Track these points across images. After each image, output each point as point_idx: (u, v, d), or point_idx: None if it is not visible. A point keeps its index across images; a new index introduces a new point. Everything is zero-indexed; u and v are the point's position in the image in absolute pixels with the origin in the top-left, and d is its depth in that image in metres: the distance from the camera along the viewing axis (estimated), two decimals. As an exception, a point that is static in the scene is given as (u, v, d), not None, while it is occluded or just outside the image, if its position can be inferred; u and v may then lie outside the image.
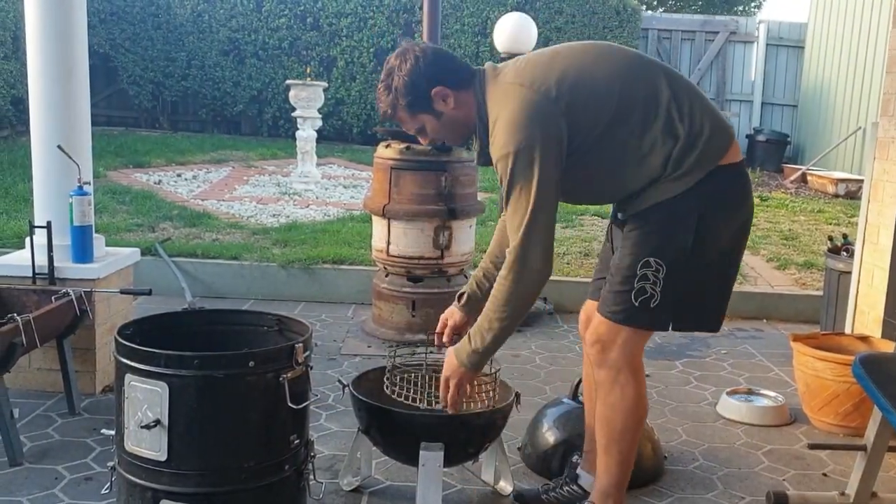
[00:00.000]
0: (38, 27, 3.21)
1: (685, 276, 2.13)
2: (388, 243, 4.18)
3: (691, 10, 19.32)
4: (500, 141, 2.06)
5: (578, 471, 2.53)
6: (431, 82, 2.13)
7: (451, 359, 2.22)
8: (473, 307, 2.42)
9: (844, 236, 4.39)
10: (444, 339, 2.48)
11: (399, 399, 2.45)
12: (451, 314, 2.49)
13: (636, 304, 2.14)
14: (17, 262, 3.29)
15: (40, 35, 3.22)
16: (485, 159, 2.19)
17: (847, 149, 10.04)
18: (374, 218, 4.29)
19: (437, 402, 2.39)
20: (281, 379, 2.10)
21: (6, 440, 2.69)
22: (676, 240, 2.11)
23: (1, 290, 3.08)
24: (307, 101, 7.64)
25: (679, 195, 2.10)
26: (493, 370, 2.47)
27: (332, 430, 3.09)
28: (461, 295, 2.47)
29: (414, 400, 2.44)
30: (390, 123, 4.00)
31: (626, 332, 2.18)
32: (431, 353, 2.63)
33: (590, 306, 2.44)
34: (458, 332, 2.46)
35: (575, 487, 2.50)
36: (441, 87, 2.13)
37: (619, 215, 2.26)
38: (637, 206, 2.14)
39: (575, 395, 2.88)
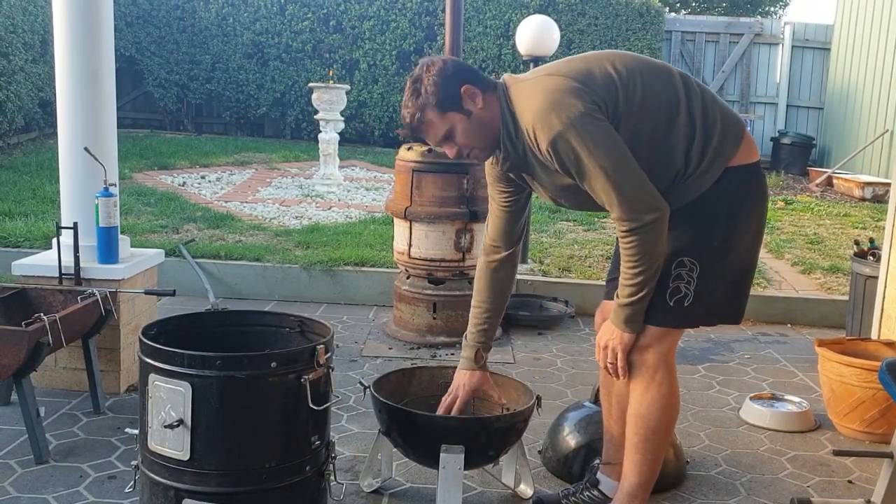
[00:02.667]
0: (66, 31, 3.26)
1: (716, 273, 2.17)
2: (410, 245, 4.18)
3: (715, 11, 19.19)
4: (546, 125, 2.04)
5: (599, 475, 2.52)
6: (461, 80, 2.14)
7: (607, 323, 2.23)
8: (486, 354, 2.54)
9: (871, 240, 4.33)
10: (455, 410, 2.49)
11: None
12: (468, 379, 2.51)
13: (671, 303, 2.17)
14: (44, 262, 3.33)
15: (68, 38, 3.26)
16: (510, 164, 2.21)
17: (874, 152, 9.92)
18: (396, 220, 4.30)
19: None
20: (302, 380, 2.11)
21: (32, 438, 2.73)
22: (709, 238, 2.15)
23: (28, 290, 3.12)
24: (330, 104, 7.67)
25: (706, 193, 2.13)
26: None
27: (353, 431, 3.10)
28: (477, 357, 2.51)
29: None
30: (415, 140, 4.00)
31: (661, 333, 2.20)
32: (451, 354, 2.63)
33: (607, 307, 2.43)
34: (477, 396, 2.54)
35: (595, 493, 2.49)
36: (470, 84, 2.14)
37: None
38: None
39: (596, 399, 2.86)
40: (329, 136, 7.74)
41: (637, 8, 10.59)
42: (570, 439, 2.79)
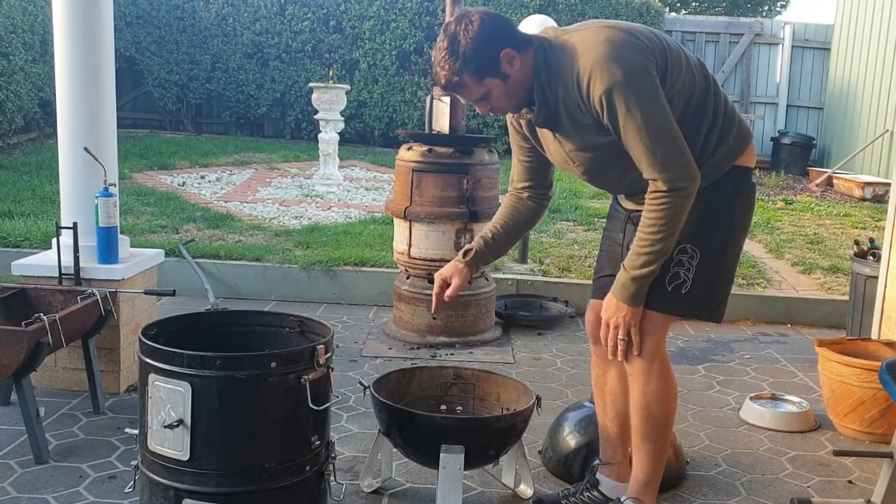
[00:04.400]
0: (66, 31, 3.26)
1: (714, 265, 2.20)
2: (410, 245, 4.18)
3: (715, 11, 19.19)
4: (606, 73, 1.99)
5: (598, 476, 2.52)
6: (500, 44, 2.06)
7: (609, 298, 2.18)
8: (478, 262, 2.41)
9: (871, 240, 4.33)
10: (447, 297, 2.37)
11: None
12: (455, 270, 2.39)
13: (669, 289, 2.18)
14: (44, 262, 3.33)
15: (68, 38, 3.26)
16: (545, 116, 2.14)
17: (874, 152, 9.92)
18: (396, 220, 4.30)
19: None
20: (302, 380, 2.11)
21: (32, 438, 2.73)
22: (711, 229, 2.18)
23: (28, 290, 3.12)
24: (329, 104, 7.67)
25: (712, 185, 2.16)
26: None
27: (353, 431, 3.10)
28: (467, 251, 2.41)
29: None
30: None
31: (658, 320, 2.21)
32: (451, 355, 2.63)
33: (597, 305, 2.42)
34: (450, 278, 2.38)
35: (595, 493, 2.49)
36: (509, 48, 2.07)
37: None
38: None
39: (596, 399, 2.87)
40: (329, 136, 7.74)
41: (637, 8, 10.59)
42: (570, 439, 2.79)
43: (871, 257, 4.04)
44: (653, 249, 2.08)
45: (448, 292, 2.37)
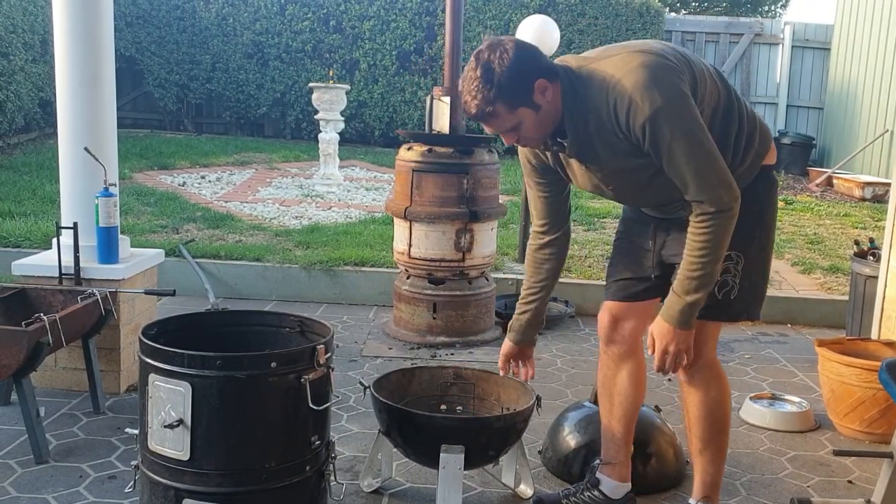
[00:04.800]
0: (66, 31, 3.26)
1: (755, 266, 2.23)
2: (410, 245, 4.18)
3: (715, 11, 19.18)
4: (647, 101, 1.95)
5: (599, 475, 2.52)
6: (534, 73, 2.01)
7: (661, 324, 2.14)
8: (533, 334, 2.51)
9: (871, 240, 4.33)
10: (502, 372, 2.56)
11: None
12: (503, 347, 2.54)
13: (719, 297, 2.19)
14: (44, 262, 3.33)
15: (68, 38, 3.26)
16: (577, 147, 2.11)
17: (874, 152, 9.92)
18: (396, 220, 4.30)
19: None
20: (302, 380, 2.11)
21: (32, 438, 2.73)
22: (751, 232, 2.19)
23: (28, 290, 3.12)
24: (330, 104, 7.67)
25: (751, 186, 2.17)
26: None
27: (353, 431, 3.10)
28: (515, 328, 2.51)
29: None
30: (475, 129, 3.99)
31: (714, 328, 2.25)
32: (451, 354, 2.64)
33: (614, 308, 2.43)
34: (511, 359, 2.53)
35: (596, 493, 2.49)
36: (542, 78, 2.02)
37: (678, 213, 2.20)
38: None
39: (596, 399, 2.87)
40: (329, 136, 7.74)
41: (637, 8, 10.58)
42: (570, 439, 2.79)
43: (871, 257, 4.04)
44: (704, 273, 2.05)
45: (531, 373, 2.55)
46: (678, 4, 19.75)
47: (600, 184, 2.22)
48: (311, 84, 8.03)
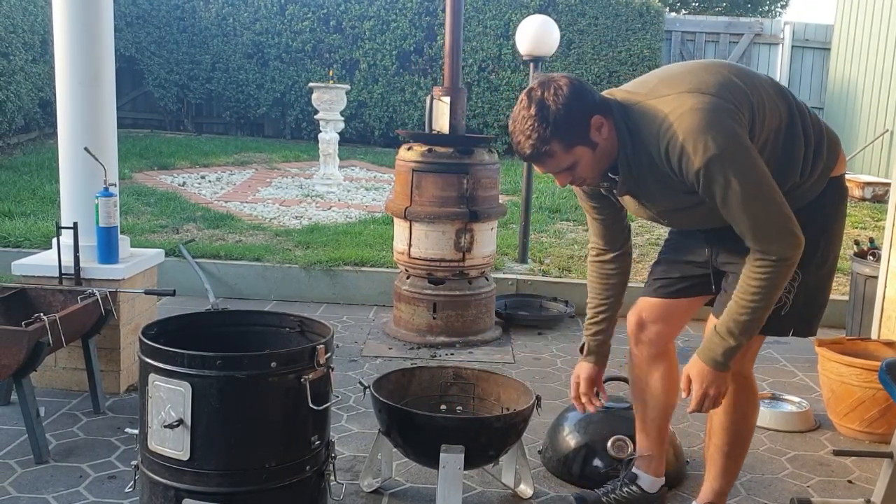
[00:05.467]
0: (66, 31, 3.26)
1: (814, 283, 2.17)
2: (410, 245, 4.18)
3: (715, 11, 19.18)
4: (701, 148, 1.87)
5: (636, 470, 2.53)
6: (590, 109, 1.95)
7: (700, 366, 2.06)
8: (600, 357, 2.42)
9: (871, 240, 4.33)
10: (585, 399, 2.43)
11: None
12: (581, 370, 2.44)
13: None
14: (44, 262, 3.33)
15: (68, 38, 3.26)
16: (628, 188, 2.06)
17: (874, 152, 9.92)
18: (396, 220, 4.30)
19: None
20: (302, 380, 2.11)
21: (32, 438, 2.73)
22: (814, 248, 2.08)
23: (28, 290, 3.12)
24: (329, 104, 7.67)
25: (815, 200, 2.11)
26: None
27: (353, 431, 3.10)
28: (583, 346, 2.45)
29: None
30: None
31: (756, 342, 2.21)
32: (451, 354, 2.64)
33: (647, 307, 2.41)
34: (595, 385, 2.44)
35: (634, 488, 2.51)
36: (598, 115, 1.95)
37: None
38: None
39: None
40: (329, 136, 7.74)
41: (637, 8, 10.58)
42: (570, 439, 2.79)
43: (871, 257, 4.04)
44: (753, 318, 1.98)
45: (604, 401, 2.46)
46: (678, 4, 19.75)
47: (656, 216, 2.18)
48: (311, 84, 8.03)
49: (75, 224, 3.19)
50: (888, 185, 7.79)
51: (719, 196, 1.91)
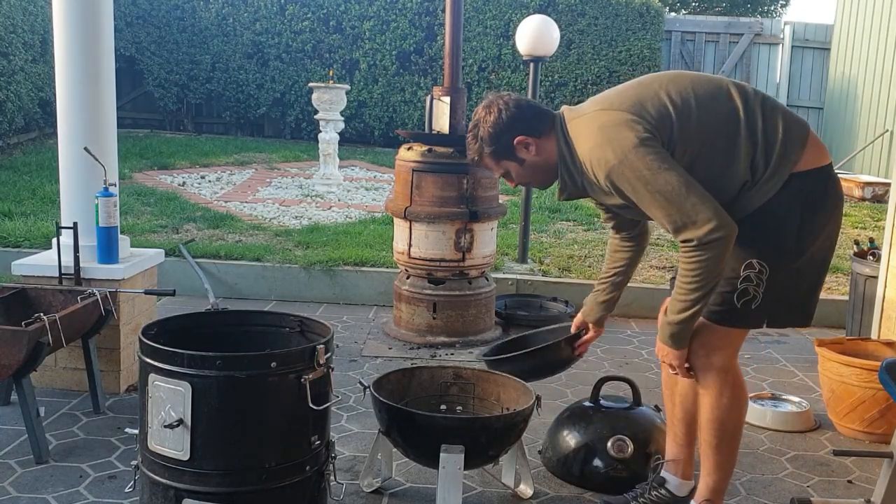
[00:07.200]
0: (66, 31, 3.26)
1: (784, 277, 2.20)
2: (410, 245, 4.18)
3: (715, 11, 19.18)
4: (602, 160, 2.13)
5: (664, 473, 2.53)
6: (514, 132, 2.26)
7: (657, 343, 2.29)
8: (591, 314, 2.69)
9: (871, 240, 4.33)
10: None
11: None
12: (577, 317, 2.74)
13: (738, 305, 2.20)
14: (44, 262, 3.34)
15: (68, 38, 3.26)
16: (568, 194, 2.32)
17: (874, 152, 9.92)
18: (396, 220, 4.30)
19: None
20: (302, 380, 2.11)
21: (32, 438, 2.73)
22: (779, 241, 2.17)
23: (28, 289, 3.12)
24: (329, 104, 7.67)
25: (775, 198, 2.15)
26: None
27: (353, 431, 3.10)
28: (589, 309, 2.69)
29: None
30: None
31: (728, 334, 2.25)
32: (451, 354, 2.64)
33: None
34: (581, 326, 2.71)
35: (663, 491, 2.52)
36: (523, 136, 2.26)
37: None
38: (735, 214, 2.14)
39: (596, 399, 2.87)
40: (329, 136, 7.74)
41: (637, 8, 10.58)
42: (570, 439, 2.79)
43: (871, 257, 4.04)
44: (689, 298, 2.13)
45: (583, 348, 2.72)
46: (678, 4, 19.75)
47: (619, 211, 2.39)
48: (310, 84, 8.03)
49: (75, 224, 3.18)
50: (888, 185, 7.79)
51: (630, 197, 2.14)
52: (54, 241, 3.28)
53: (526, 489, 2.63)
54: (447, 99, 4.21)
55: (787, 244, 2.17)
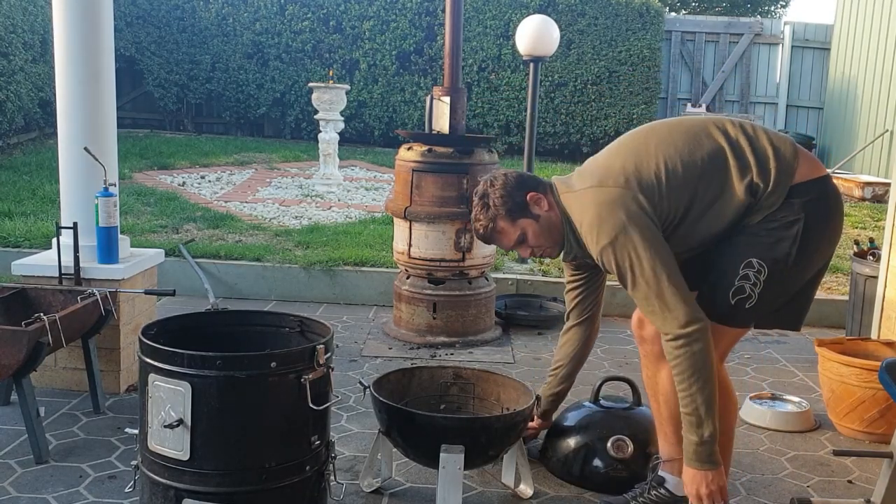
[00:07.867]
0: (66, 31, 3.26)
1: (782, 281, 2.23)
2: (410, 245, 4.18)
3: (715, 11, 19.18)
4: (594, 239, 2.20)
5: (662, 473, 2.52)
6: (524, 189, 2.33)
7: (687, 472, 2.22)
8: (552, 407, 2.87)
9: (871, 240, 4.33)
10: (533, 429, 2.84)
11: None
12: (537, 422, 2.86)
13: (732, 302, 2.22)
14: (44, 262, 3.33)
15: (68, 38, 3.26)
16: (573, 256, 2.41)
17: (874, 152, 9.92)
18: (396, 220, 4.30)
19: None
20: (302, 380, 2.11)
21: (32, 438, 2.73)
22: (781, 246, 2.20)
23: (28, 290, 3.12)
24: (329, 104, 7.67)
25: (781, 207, 2.20)
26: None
27: (353, 431, 3.10)
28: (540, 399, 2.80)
29: None
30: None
31: (717, 331, 2.24)
32: (451, 355, 2.65)
33: None
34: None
35: (662, 491, 2.51)
36: (534, 191, 2.33)
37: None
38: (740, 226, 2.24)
39: (596, 399, 2.87)
40: (329, 136, 7.74)
41: (637, 8, 10.58)
42: (570, 439, 2.79)
43: (871, 257, 4.04)
44: (697, 402, 2.14)
45: (532, 431, 2.84)
46: (678, 4, 19.75)
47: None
48: (310, 84, 8.03)
49: (75, 224, 3.18)
50: (888, 185, 7.79)
51: (619, 277, 2.21)
52: (54, 241, 3.28)
53: (526, 489, 2.63)
54: (447, 99, 4.21)
55: (786, 249, 2.20)
